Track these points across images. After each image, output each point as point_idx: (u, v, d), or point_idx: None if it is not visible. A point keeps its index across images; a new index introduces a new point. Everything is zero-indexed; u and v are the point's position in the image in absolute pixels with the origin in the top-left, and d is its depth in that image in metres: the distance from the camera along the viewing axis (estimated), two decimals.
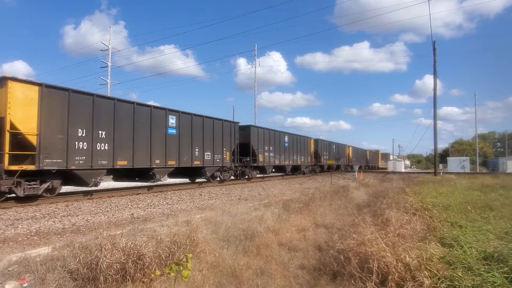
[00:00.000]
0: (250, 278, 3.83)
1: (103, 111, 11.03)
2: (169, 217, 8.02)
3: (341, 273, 3.76)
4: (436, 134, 26.03)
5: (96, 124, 10.71)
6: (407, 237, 4.32)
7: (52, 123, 9.51)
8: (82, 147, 10.27)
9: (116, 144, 11.33)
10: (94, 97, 10.79)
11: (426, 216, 6.11)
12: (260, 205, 9.12)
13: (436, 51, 25.46)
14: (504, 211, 6.79)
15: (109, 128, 11.19)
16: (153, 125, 12.90)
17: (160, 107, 13.66)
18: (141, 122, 12.43)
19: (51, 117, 9.49)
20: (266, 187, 17.47)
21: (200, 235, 4.59)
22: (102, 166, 10.88)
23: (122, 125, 11.63)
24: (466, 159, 47.95)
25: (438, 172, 26.94)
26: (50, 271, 3.83)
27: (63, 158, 9.72)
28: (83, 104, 10.44)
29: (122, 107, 11.79)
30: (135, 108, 12.25)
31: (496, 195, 9.69)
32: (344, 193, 11.76)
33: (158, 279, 3.44)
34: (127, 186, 14.95)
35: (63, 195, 11.22)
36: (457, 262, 3.51)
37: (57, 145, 9.61)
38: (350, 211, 7.86)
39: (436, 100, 25.56)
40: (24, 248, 5.22)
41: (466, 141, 77.63)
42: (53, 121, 9.54)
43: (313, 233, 6.03)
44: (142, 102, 12.85)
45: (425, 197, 8.80)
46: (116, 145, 11.31)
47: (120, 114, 11.63)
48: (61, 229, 6.86)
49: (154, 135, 12.92)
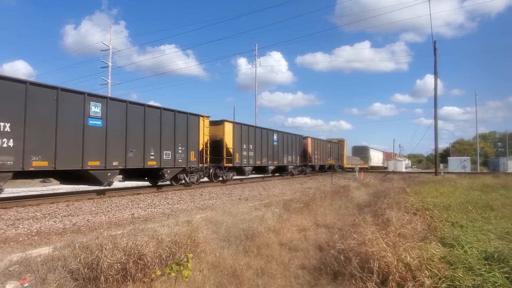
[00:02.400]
0: (251, 278, 3.83)
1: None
2: (169, 217, 8.02)
3: (341, 273, 3.76)
4: (437, 134, 26.07)
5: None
6: (408, 237, 4.32)
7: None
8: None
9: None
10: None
11: (427, 216, 6.11)
12: (260, 205, 9.12)
13: (437, 51, 25.52)
14: (505, 211, 6.79)
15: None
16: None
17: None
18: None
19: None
20: (266, 187, 17.47)
21: (201, 235, 4.59)
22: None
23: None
24: (467, 159, 47.92)
25: (439, 172, 26.93)
26: (51, 271, 3.83)
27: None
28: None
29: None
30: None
31: (497, 195, 9.70)
32: (344, 193, 11.77)
33: (159, 279, 3.45)
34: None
35: (64, 195, 11.24)
36: (458, 262, 3.51)
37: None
38: (350, 211, 7.86)
39: (436, 100, 25.59)
40: (25, 248, 5.23)
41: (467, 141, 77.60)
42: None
43: (313, 233, 6.03)
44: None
45: (425, 197, 8.81)
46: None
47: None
48: (62, 229, 6.87)
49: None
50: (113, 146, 11.30)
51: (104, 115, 11.02)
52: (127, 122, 11.84)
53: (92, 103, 10.67)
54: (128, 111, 11.94)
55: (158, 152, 13.20)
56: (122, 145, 11.64)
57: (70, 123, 10.04)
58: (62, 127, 9.72)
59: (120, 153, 11.55)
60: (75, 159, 10.11)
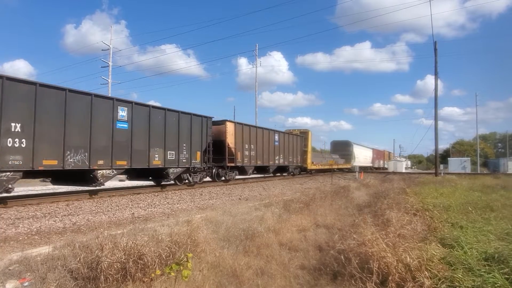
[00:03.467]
0: (251, 278, 3.83)
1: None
2: (169, 217, 8.02)
3: (341, 273, 3.75)
4: (437, 135, 26.06)
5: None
6: (408, 238, 4.31)
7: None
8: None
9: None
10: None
11: (426, 216, 6.10)
12: (260, 205, 9.12)
13: (437, 51, 25.52)
14: (505, 212, 6.78)
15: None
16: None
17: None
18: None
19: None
20: (266, 187, 17.47)
21: (201, 235, 4.59)
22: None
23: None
24: (467, 160, 47.89)
25: (439, 173, 26.92)
26: (51, 270, 3.84)
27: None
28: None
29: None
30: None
31: (497, 195, 9.68)
32: (344, 194, 11.75)
33: (159, 278, 3.45)
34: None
35: (64, 195, 11.25)
36: (458, 263, 3.51)
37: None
38: (350, 212, 7.86)
39: (437, 101, 25.57)
40: (24, 247, 5.23)
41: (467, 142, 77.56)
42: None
43: (313, 233, 6.02)
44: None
45: (425, 198, 8.80)
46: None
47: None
48: (62, 229, 6.87)
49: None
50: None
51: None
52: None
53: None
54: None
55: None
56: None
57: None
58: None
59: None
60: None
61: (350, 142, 43.05)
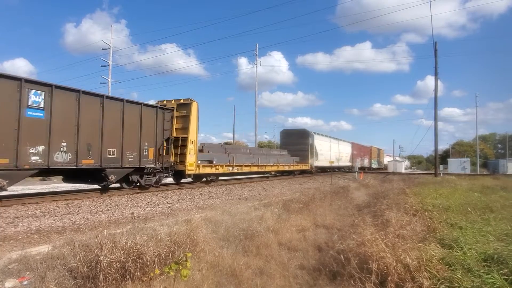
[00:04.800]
0: (250, 278, 3.83)
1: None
2: (169, 216, 8.02)
3: (340, 273, 3.76)
4: (437, 135, 26.05)
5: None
6: (407, 238, 4.32)
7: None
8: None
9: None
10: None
11: (426, 217, 6.11)
12: (260, 205, 9.12)
13: (437, 52, 25.45)
14: (504, 212, 6.79)
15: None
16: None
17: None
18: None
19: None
20: (266, 187, 17.47)
21: (200, 235, 4.59)
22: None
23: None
24: (467, 161, 47.91)
25: (439, 173, 26.92)
26: (50, 269, 3.84)
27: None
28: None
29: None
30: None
31: (497, 196, 9.68)
32: (344, 194, 11.77)
33: (158, 278, 3.45)
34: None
35: (64, 194, 11.24)
36: (457, 263, 3.51)
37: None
38: (350, 212, 7.87)
39: (437, 101, 25.55)
40: (24, 246, 5.23)
41: (467, 142, 77.48)
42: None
43: (313, 233, 6.03)
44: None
45: (425, 198, 8.79)
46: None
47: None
48: (61, 228, 6.87)
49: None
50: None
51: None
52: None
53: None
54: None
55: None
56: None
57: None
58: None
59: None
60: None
61: (308, 132, 29.83)
